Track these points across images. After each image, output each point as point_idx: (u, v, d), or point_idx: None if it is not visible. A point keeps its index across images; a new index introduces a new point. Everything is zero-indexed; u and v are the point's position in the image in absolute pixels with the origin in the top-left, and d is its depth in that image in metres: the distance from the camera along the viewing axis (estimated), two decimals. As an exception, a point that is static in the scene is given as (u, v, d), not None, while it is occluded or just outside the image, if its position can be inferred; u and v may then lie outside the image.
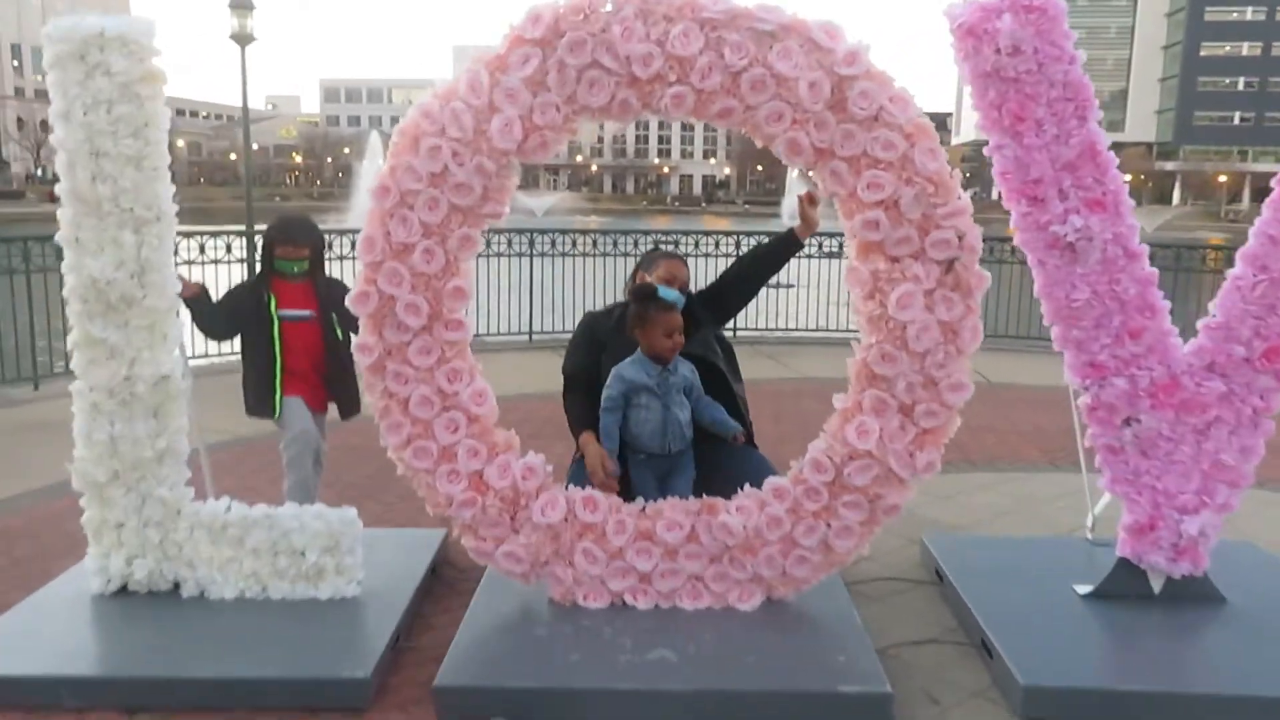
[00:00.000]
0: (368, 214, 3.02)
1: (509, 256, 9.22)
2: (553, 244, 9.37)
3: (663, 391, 3.21)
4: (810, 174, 3.11)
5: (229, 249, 8.09)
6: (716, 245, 9.44)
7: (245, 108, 14.87)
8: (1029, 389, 7.73)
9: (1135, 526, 3.20)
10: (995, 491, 5.13)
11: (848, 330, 10.02)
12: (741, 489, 3.20)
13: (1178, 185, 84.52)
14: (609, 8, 2.86)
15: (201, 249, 7.94)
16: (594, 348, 3.48)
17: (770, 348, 9.41)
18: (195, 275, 7.27)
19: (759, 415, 3.90)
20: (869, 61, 2.85)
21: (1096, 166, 2.93)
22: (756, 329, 10.01)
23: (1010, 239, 3.42)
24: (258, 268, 4.07)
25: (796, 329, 10.07)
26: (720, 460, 3.35)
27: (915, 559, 4.03)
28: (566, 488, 3.23)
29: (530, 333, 9.41)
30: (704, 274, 10.08)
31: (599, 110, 2.92)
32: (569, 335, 3.79)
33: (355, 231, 8.51)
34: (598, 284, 9.34)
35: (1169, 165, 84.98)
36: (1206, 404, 3.05)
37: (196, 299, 3.62)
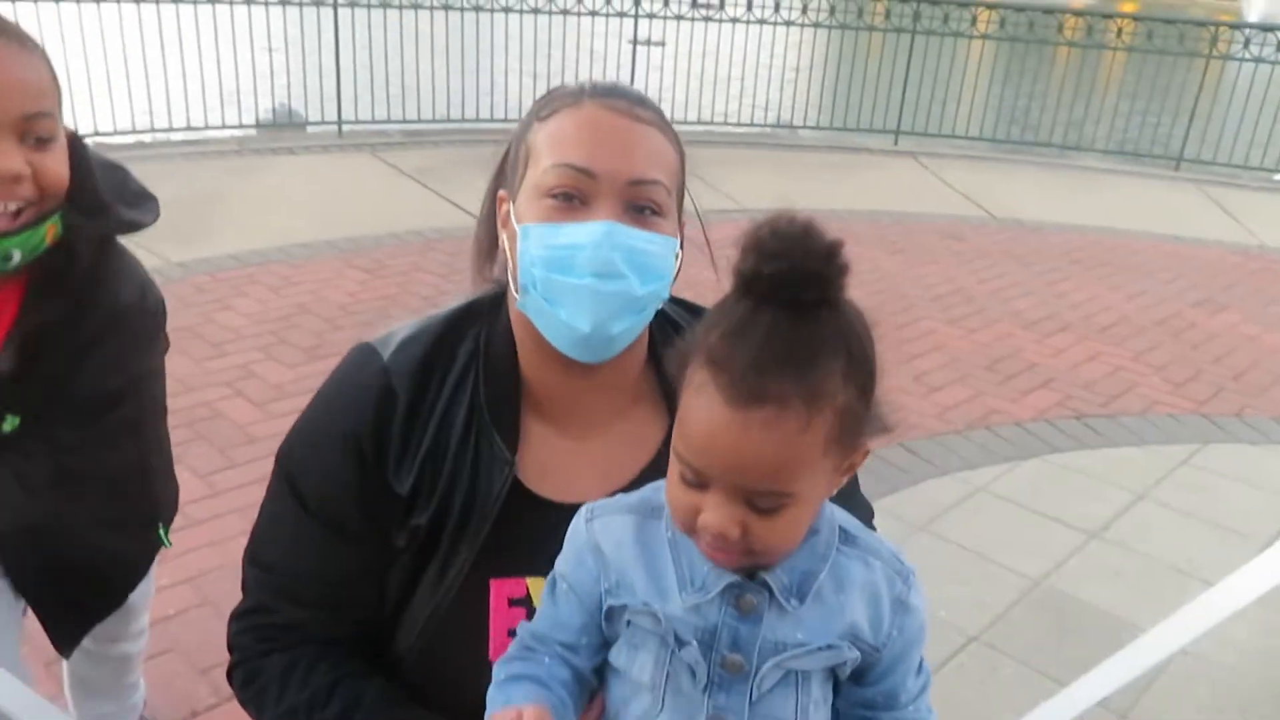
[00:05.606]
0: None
1: (301, 5, 6.04)
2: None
3: (725, 642, 0.78)
4: None
5: None
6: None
7: None
8: (1067, 230, 5.66)
9: None
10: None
11: (795, 125, 7.61)
12: None
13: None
14: None
15: None
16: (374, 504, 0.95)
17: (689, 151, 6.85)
18: None
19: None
20: None
21: None
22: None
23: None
24: None
25: (720, 122, 7.54)
26: None
27: None
28: None
29: (340, 122, 6.41)
30: (704, 41, 6.99)
31: None
32: (411, 127, 2.05)
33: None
34: (480, 46, 6.44)
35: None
36: None
37: None
